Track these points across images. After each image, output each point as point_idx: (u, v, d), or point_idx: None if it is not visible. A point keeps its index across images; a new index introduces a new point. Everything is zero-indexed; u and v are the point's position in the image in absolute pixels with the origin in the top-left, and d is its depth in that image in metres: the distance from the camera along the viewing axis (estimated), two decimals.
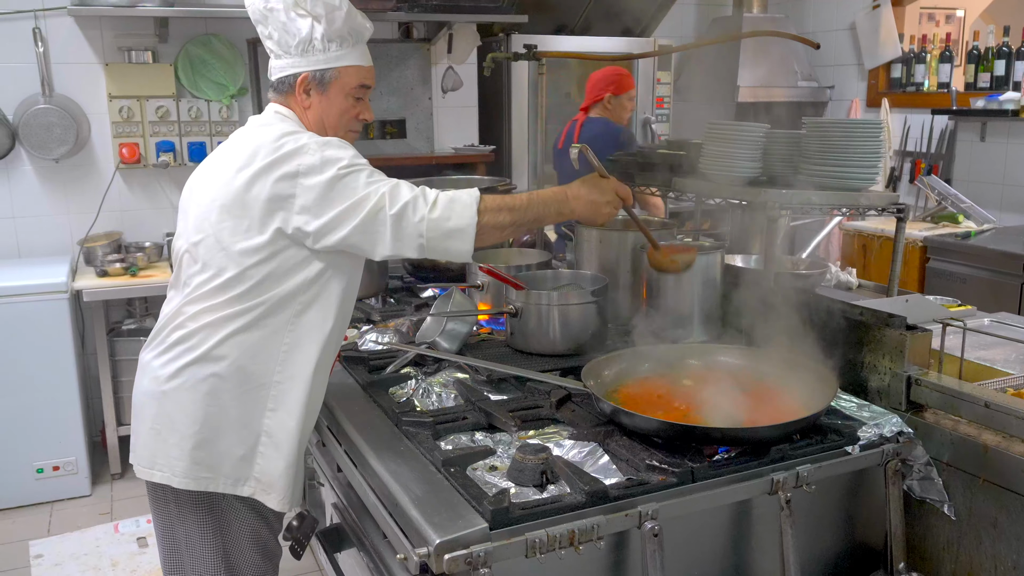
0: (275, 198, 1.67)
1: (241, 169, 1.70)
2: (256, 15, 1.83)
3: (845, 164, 2.19)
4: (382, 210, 1.66)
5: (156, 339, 1.81)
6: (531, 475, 1.52)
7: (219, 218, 1.71)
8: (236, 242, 1.70)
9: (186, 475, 1.74)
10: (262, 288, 1.71)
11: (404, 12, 4.44)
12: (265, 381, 1.74)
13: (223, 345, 1.71)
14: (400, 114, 4.98)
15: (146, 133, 4.38)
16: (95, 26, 4.29)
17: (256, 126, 1.83)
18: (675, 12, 5.69)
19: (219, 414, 1.73)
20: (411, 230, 1.66)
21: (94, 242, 4.30)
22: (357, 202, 1.66)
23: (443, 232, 1.68)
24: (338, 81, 1.85)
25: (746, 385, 1.87)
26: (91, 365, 4.24)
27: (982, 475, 1.67)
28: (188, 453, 1.73)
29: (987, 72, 4.77)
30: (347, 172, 1.67)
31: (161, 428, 1.75)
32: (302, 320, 1.75)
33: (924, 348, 1.87)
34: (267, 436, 1.76)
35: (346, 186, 1.66)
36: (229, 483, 1.75)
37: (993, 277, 4.12)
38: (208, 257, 1.73)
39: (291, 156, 1.68)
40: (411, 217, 1.66)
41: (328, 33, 1.81)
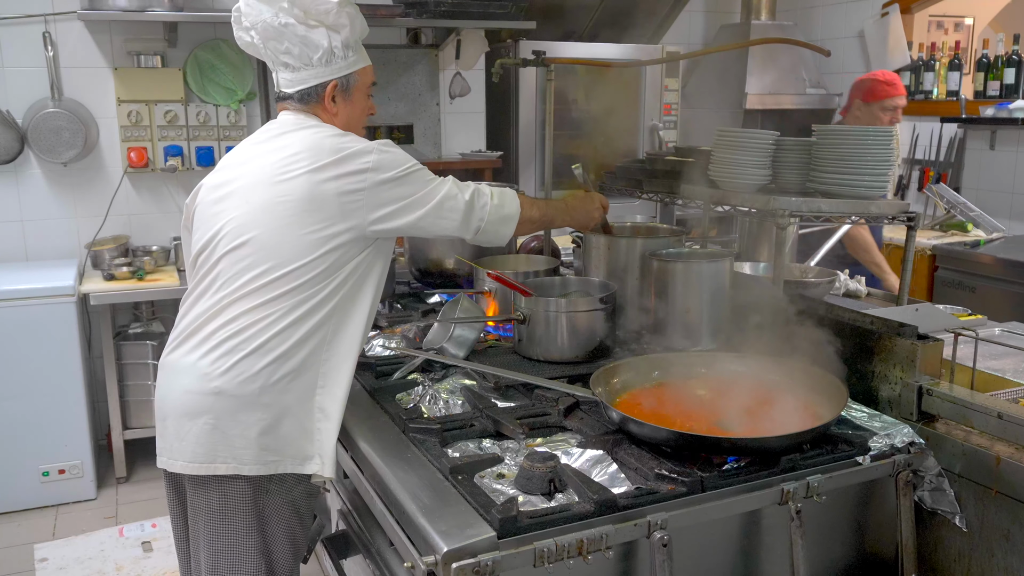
0: (343, 192, 1.78)
1: (309, 167, 1.78)
2: (268, 32, 1.87)
3: (855, 172, 2.17)
4: (456, 196, 1.90)
5: (193, 338, 1.81)
6: (539, 483, 1.51)
7: (282, 214, 1.77)
8: (301, 235, 1.76)
9: (255, 461, 1.76)
10: (319, 280, 1.78)
11: (412, 18, 4.44)
12: (315, 362, 1.80)
13: (277, 337, 1.75)
14: (408, 119, 4.98)
15: (154, 137, 4.39)
16: (104, 30, 4.30)
17: (300, 128, 1.88)
18: (683, 19, 5.69)
19: (279, 400, 1.76)
20: (478, 213, 1.94)
21: (101, 246, 4.30)
22: (430, 191, 1.87)
23: (499, 217, 1.97)
24: (359, 84, 1.98)
25: (755, 394, 1.85)
26: (97, 369, 4.24)
27: (994, 487, 1.65)
28: (254, 441, 1.75)
29: (996, 80, 4.76)
30: (415, 168, 1.87)
31: (219, 423, 1.76)
32: (348, 303, 1.84)
33: (936, 358, 1.86)
34: (320, 412, 1.81)
35: (419, 178, 1.87)
36: (296, 462, 1.79)
37: (1002, 286, 4.10)
38: (266, 253, 1.77)
39: (360, 154, 1.80)
40: (478, 203, 1.93)
41: (348, 40, 1.91)
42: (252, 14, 1.87)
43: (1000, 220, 4.73)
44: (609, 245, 2.48)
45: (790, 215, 2.17)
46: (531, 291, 2.26)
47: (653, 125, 5.29)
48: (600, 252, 2.51)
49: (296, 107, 1.94)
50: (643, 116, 5.28)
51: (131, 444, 4.15)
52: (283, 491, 1.81)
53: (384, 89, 4.85)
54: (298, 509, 1.84)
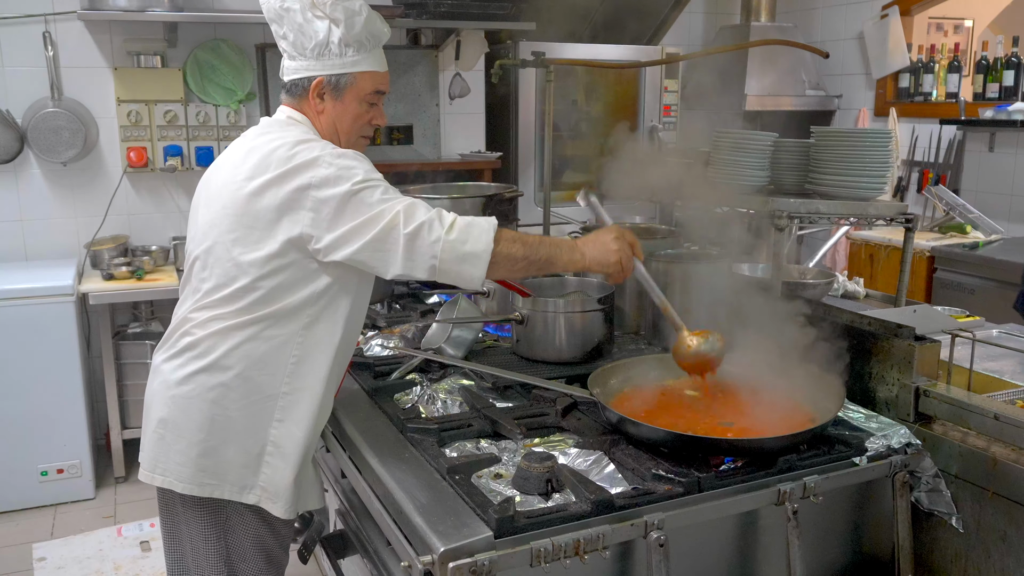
0: (286, 209, 1.66)
1: (252, 178, 1.69)
2: (271, 13, 1.80)
3: (853, 173, 2.18)
4: (395, 228, 1.63)
5: (167, 342, 1.81)
6: (536, 483, 1.51)
7: (229, 227, 1.71)
8: (245, 252, 1.69)
9: (191, 481, 1.74)
10: (270, 299, 1.70)
11: (412, 19, 4.45)
12: (272, 392, 1.73)
13: (231, 355, 1.71)
14: (407, 120, 4.98)
15: (154, 137, 4.39)
16: (104, 30, 4.30)
17: (267, 131, 1.81)
18: (683, 20, 5.70)
19: (225, 423, 1.72)
20: (425, 250, 1.64)
21: (101, 245, 4.30)
22: (370, 218, 1.63)
23: (458, 255, 1.65)
24: (354, 87, 1.82)
25: (753, 395, 1.86)
26: (96, 368, 4.24)
27: (991, 488, 1.65)
28: (193, 460, 1.73)
29: (996, 82, 4.76)
30: (362, 187, 1.64)
31: (165, 433, 1.75)
32: (310, 333, 1.74)
33: (933, 359, 1.86)
34: (273, 446, 1.75)
35: (361, 201, 1.63)
36: (235, 490, 1.74)
37: (1001, 288, 4.10)
38: (217, 265, 1.73)
39: (305, 167, 1.66)
40: (426, 237, 1.63)
41: (346, 38, 1.78)
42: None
43: (999, 222, 4.73)
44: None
45: (788, 216, 2.18)
46: (530, 292, 2.26)
47: (653, 126, 5.29)
48: None
49: (288, 100, 1.87)
50: (643, 117, 5.28)
51: (130, 444, 4.15)
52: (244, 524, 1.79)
53: None
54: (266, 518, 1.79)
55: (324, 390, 1.77)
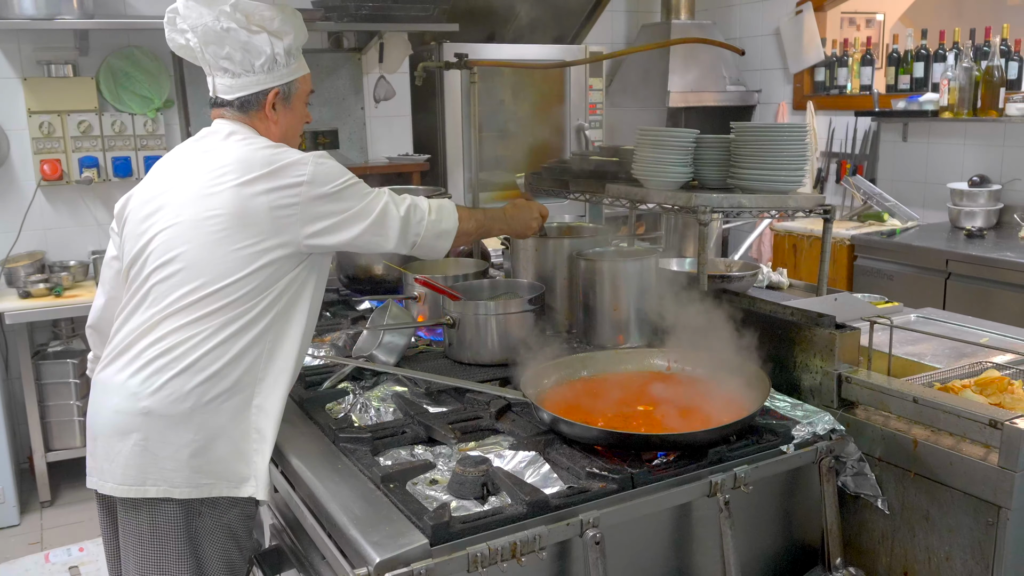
0: (275, 207, 1.73)
1: (238, 180, 1.73)
2: (209, 36, 1.80)
3: (772, 167, 2.23)
4: (392, 212, 1.85)
5: (124, 355, 1.75)
6: (472, 488, 1.50)
7: (212, 228, 1.72)
8: (235, 252, 1.72)
9: (187, 484, 1.71)
10: (252, 296, 1.74)
11: (334, 22, 4.39)
12: (250, 381, 1.76)
13: (209, 355, 1.71)
14: (332, 124, 4.93)
15: (68, 149, 4.25)
16: (12, 39, 4.15)
17: (230, 137, 1.83)
18: (605, 19, 5.76)
19: (211, 421, 1.72)
20: (414, 229, 1.89)
21: (16, 262, 4.15)
22: (366, 206, 1.82)
23: (435, 232, 1.93)
24: (298, 92, 1.94)
25: (683, 388, 1.88)
26: (16, 390, 4.09)
27: (913, 469, 1.71)
28: (186, 463, 1.70)
29: (907, 74, 4.93)
30: (352, 181, 1.82)
31: (149, 444, 1.71)
32: (281, 321, 1.79)
33: (853, 346, 1.91)
34: (256, 432, 1.77)
35: (355, 192, 1.81)
36: (231, 486, 1.74)
37: (918, 273, 4.25)
38: (196, 270, 1.72)
39: (292, 167, 1.75)
40: (414, 218, 1.89)
41: (290, 47, 1.87)
42: (191, 17, 1.80)
43: (914, 209, 4.90)
44: (537, 246, 2.49)
45: (712, 211, 2.22)
46: (460, 295, 2.26)
47: (579, 125, 5.33)
48: (528, 253, 2.52)
49: (233, 115, 1.88)
50: (569, 116, 5.32)
51: (55, 466, 4.01)
52: (216, 514, 1.76)
53: None
54: (234, 532, 1.79)
55: (294, 369, 1.83)
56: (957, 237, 4.38)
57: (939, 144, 4.86)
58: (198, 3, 1.80)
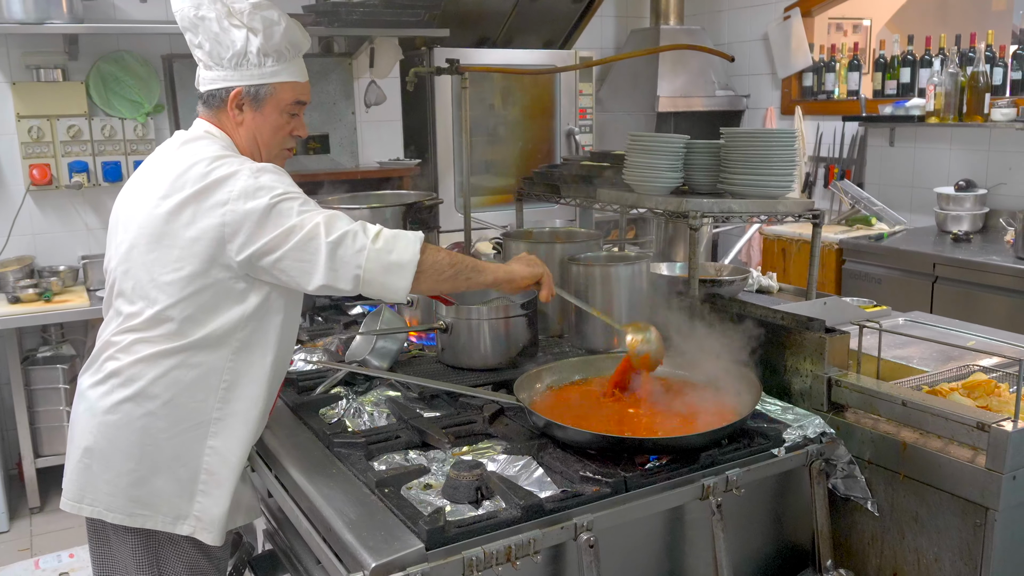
0: (205, 227, 1.63)
1: (167, 197, 1.66)
2: (185, 22, 1.75)
3: (762, 173, 2.25)
4: (316, 237, 1.60)
5: (92, 365, 1.75)
6: (466, 492, 1.51)
7: (147, 248, 1.67)
8: (165, 273, 1.65)
9: (122, 511, 1.69)
10: (196, 322, 1.66)
11: (324, 27, 4.40)
12: (203, 419, 1.70)
13: (158, 383, 1.67)
14: (323, 129, 4.93)
15: (58, 153, 4.24)
16: (0, 44, 4.13)
17: (183, 146, 1.76)
18: (595, 24, 5.78)
19: (156, 452, 1.68)
20: (349, 260, 1.61)
21: (4, 267, 4.13)
22: (290, 228, 1.61)
23: (383, 265, 1.63)
24: (273, 97, 1.79)
25: (675, 392, 1.90)
26: (5, 396, 4.07)
27: (902, 471, 1.73)
28: (123, 490, 1.68)
29: (894, 79, 4.97)
30: (280, 199, 1.62)
31: (92, 463, 1.70)
32: (241, 357, 1.71)
33: (843, 350, 1.93)
34: (207, 474, 1.71)
35: (280, 213, 1.61)
36: (168, 521, 1.70)
37: (906, 277, 4.29)
38: (137, 288, 1.68)
39: (221, 183, 1.63)
40: (350, 246, 1.61)
41: (265, 47, 1.75)
42: (176, 2, 1.75)
43: (901, 213, 4.94)
44: (529, 251, 2.49)
45: (702, 216, 2.23)
46: (452, 300, 2.26)
47: (569, 129, 5.35)
48: None
49: (204, 112, 1.82)
50: (559, 121, 5.34)
51: (44, 472, 3.99)
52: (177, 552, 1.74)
53: None
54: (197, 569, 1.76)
55: (258, 413, 1.74)
56: (944, 241, 4.42)
57: (926, 149, 4.90)
58: None
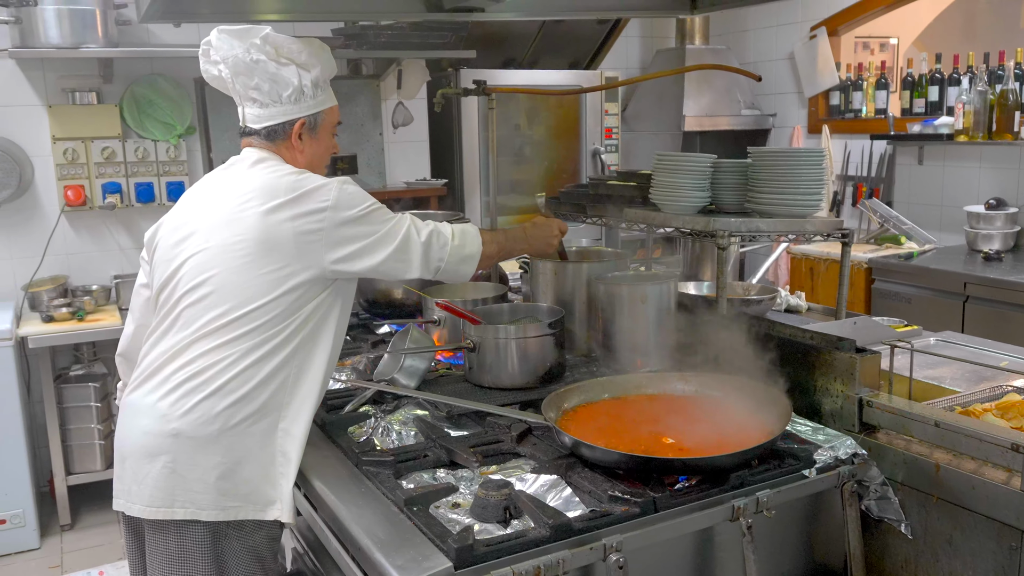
0: (303, 231, 1.77)
1: (260, 204, 1.77)
2: (239, 67, 1.86)
3: (790, 192, 2.24)
4: (413, 238, 1.88)
5: (154, 378, 1.79)
6: (494, 511, 1.51)
7: (244, 252, 1.76)
8: (262, 277, 1.75)
9: (214, 506, 1.73)
10: (279, 320, 1.77)
11: (353, 49, 4.45)
12: (277, 405, 1.79)
13: (237, 379, 1.74)
14: (351, 150, 4.98)
15: (92, 175, 4.32)
16: (37, 67, 4.23)
17: (257, 164, 1.88)
18: (620, 44, 5.80)
19: (238, 443, 1.74)
20: (436, 254, 1.92)
21: (39, 287, 4.20)
22: (389, 231, 1.85)
23: (460, 257, 1.96)
24: (325, 122, 1.99)
25: (703, 412, 1.89)
26: (38, 413, 4.13)
27: (935, 493, 1.70)
28: (213, 485, 1.73)
29: (922, 98, 4.94)
30: (372, 207, 1.85)
31: (177, 466, 1.73)
32: (306, 348, 1.82)
33: (874, 370, 1.92)
34: (282, 455, 1.79)
35: (377, 218, 1.85)
36: (257, 509, 1.76)
37: (936, 296, 4.24)
38: (224, 294, 1.76)
39: (315, 192, 1.79)
40: (436, 244, 1.92)
41: (317, 79, 1.93)
42: (223, 48, 1.86)
43: (931, 232, 4.89)
44: (556, 270, 2.51)
45: (730, 235, 2.23)
46: (480, 319, 2.27)
47: (595, 149, 5.37)
48: (547, 277, 2.53)
49: (261, 143, 1.93)
50: (585, 140, 5.36)
51: (75, 490, 4.04)
52: (243, 536, 1.77)
53: None
54: (260, 555, 1.80)
55: (319, 393, 1.86)
56: (975, 260, 4.37)
57: (955, 167, 4.85)
58: (230, 36, 1.85)
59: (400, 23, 4.41)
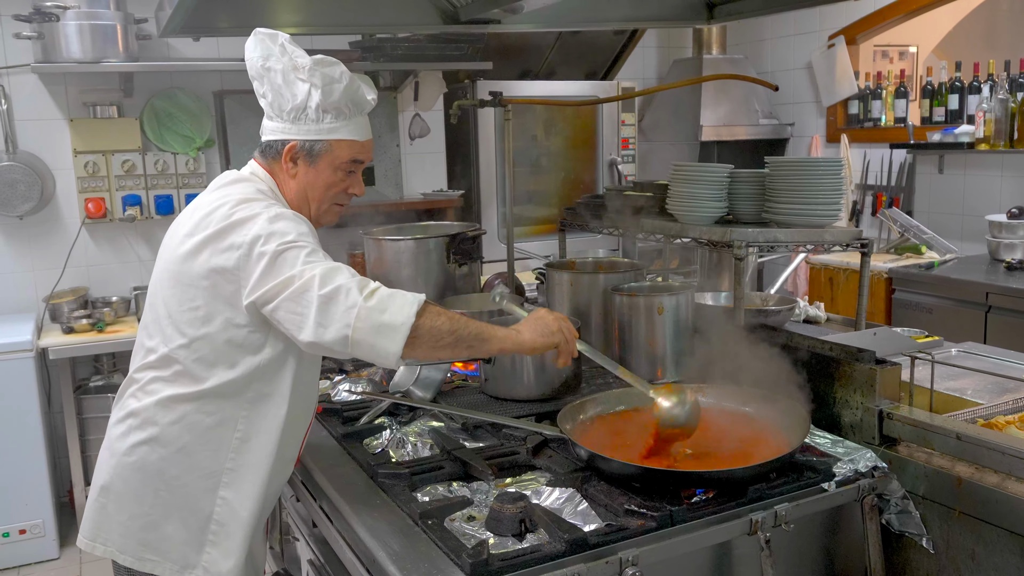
0: (219, 268, 1.64)
1: (191, 235, 1.68)
2: (253, 70, 1.78)
3: (808, 202, 2.23)
4: (310, 289, 1.56)
5: (119, 401, 1.78)
6: (510, 524, 1.50)
7: (169, 284, 1.70)
8: (181, 312, 1.68)
9: (132, 554, 1.70)
10: (209, 367, 1.67)
11: (370, 62, 4.48)
12: (216, 468, 1.70)
13: (173, 427, 1.68)
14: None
15: (112, 187, 4.36)
16: (59, 82, 4.28)
17: (222, 187, 1.78)
18: (637, 55, 5.80)
19: (168, 497, 1.69)
20: (339, 316, 1.55)
21: (60, 298, 4.24)
22: (289, 278, 1.57)
23: (374, 325, 1.55)
24: (329, 154, 1.78)
25: (721, 424, 1.87)
26: (58, 424, 4.16)
27: (957, 507, 1.68)
28: (135, 533, 1.70)
29: (941, 106, 4.90)
30: (287, 247, 1.60)
31: (107, 502, 1.73)
32: (255, 409, 1.71)
33: (894, 381, 1.89)
34: (217, 525, 1.70)
35: (284, 261, 1.59)
36: (176, 569, 1.70)
37: (958, 306, 4.19)
38: (156, 323, 1.72)
39: (238, 226, 1.63)
40: (342, 302, 1.55)
41: (324, 104, 1.74)
42: (250, 48, 1.77)
43: (952, 241, 4.84)
44: (572, 281, 2.51)
45: (747, 245, 2.21)
46: None
47: (612, 159, 5.36)
48: (563, 288, 2.53)
49: (259, 159, 1.84)
50: (601, 151, 5.35)
51: None
52: None
53: None
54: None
55: (271, 468, 1.72)
56: (997, 270, 4.32)
57: (976, 176, 4.81)
58: (263, 37, 1.75)
59: (417, 35, 4.43)
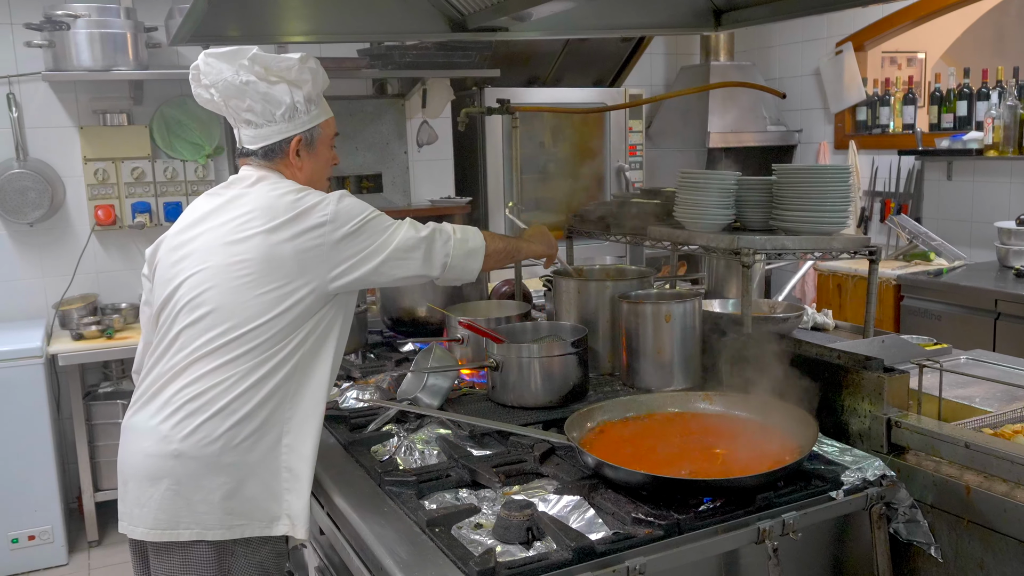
0: (303, 249, 1.77)
1: (264, 227, 1.77)
2: (229, 91, 1.85)
3: (816, 209, 2.22)
4: (412, 236, 1.88)
5: (155, 400, 1.79)
6: (517, 532, 1.50)
7: (242, 275, 1.76)
8: (262, 296, 1.75)
9: (220, 526, 1.73)
10: (279, 339, 1.77)
11: (378, 69, 4.50)
12: (278, 420, 1.78)
13: (239, 399, 1.73)
14: (376, 168, 5.02)
15: (121, 195, 4.38)
16: (70, 90, 4.31)
17: (258, 183, 1.87)
18: (644, 62, 5.81)
19: (242, 462, 1.74)
20: (440, 250, 1.92)
21: (69, 305, 4.26)
22: (388, 237, 1.84)
23: (464, 252, 1.96)
24: (322, 136, 1.97)
25: (728, 432, 1.87)
26: (67, 430, 4.18)
27: (966, 516, 1.67)
28: (218, 505, 1.73)
29: (950, 113, 4.89)
30: (374, 215, 1.85)
31: (181, 488, 1.73)
32: (310, 358, 1.82)
33: (902, 390, 1.89)
34: (287, 471, 1.78)
35: (376, 226, 1.84)
36: (263, 525, 1.76)
37: (967, 313, 4.18)
38: (224, 314, 1.75)
39: (315, 209, 1.79)
40: (439, 240, 1.92)
41: (310, 95, 1.92)
42: (212, 73, 1.86)
43: (961, 248, 4.83)
44: (579, 288, 2.50)
45: (755, 253, 2.21)
46: (503, 337, 2.27)
47: (619, 166, 5.36)
48: (570, 296, 2.53)
49: (259, 163, 1.92)
50: (609, 158, 5.36)
51: (103, 506, 4.07)
52: (248, 553, 1.76)
53: (352, 139, 4.89)
54: (266, 570, 1.80)
55: (322, 406, 1.85)
56: (1006, 276, 4.30)
57: (985, 183, 4.80)
58: (218, 59, 1.86)
59: (425, 43, 4.45)
